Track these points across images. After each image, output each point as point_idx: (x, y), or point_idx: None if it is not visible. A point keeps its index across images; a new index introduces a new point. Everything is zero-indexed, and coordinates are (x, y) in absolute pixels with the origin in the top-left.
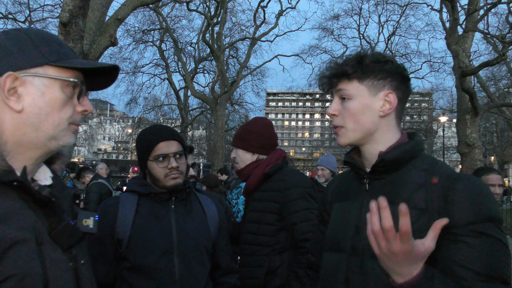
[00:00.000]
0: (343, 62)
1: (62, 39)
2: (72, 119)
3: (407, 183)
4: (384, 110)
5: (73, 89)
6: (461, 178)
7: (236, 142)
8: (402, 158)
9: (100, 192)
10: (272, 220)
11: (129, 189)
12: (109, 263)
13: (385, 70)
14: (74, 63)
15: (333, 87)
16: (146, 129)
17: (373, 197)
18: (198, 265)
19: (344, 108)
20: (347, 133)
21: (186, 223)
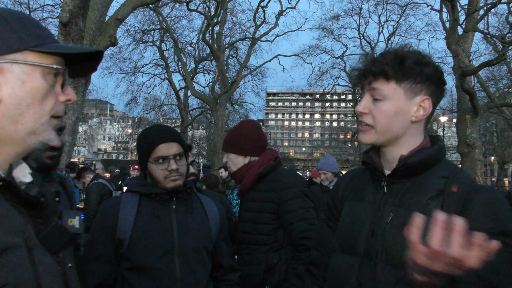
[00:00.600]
0: (382, 60)
1: (62, 39)
2: (54, 110)
3: (426, 189)
4: (418, 115)
5: (55, 76)
6: (480, 189)
7: (226, 147)
8: (424, 163)
9: (100, 192)
10: (268, 219)
11: (130, 189)
12: (110, 263)
13: (425, 74)
14: (57, 48)
15: (366, 84)
16: (146, 130)
17: (391, 201)
18: (199, 266)
19: (376, 108)
20: (375, 134)
21: (187, 223)
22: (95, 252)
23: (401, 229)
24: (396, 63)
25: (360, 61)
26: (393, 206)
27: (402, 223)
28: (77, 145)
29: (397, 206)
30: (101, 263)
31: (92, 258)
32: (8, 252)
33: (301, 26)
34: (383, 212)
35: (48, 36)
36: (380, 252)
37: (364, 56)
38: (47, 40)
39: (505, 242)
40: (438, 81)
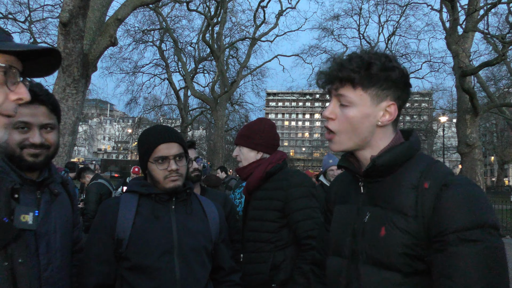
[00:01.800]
0: (349, 66)
1: (62, 39)
2: (2, 108)
3: (400, 186)
4: (383, 120)
5: (4, 74)
6: (452, 184)
7: (240, 140)
8: (394, 161)
9: (99, 192)
10: (274, 217)
11: (130, 189)
12: (109, 263)
13: (391, 79)
14: (4, 45)
15: (332, 89)
16: (147, 130)
17: (367, 200)
18: (198, 266)
19: (342, 114)
20: (341, 140)
21: (187, 224)
22: (95, 251)
23: (378, 228)
24: (363, 70)
25: (328, 64)
26: (369, 206)
27: (379, 222)
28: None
29: (373, 205)
30: (100, 263)
31: (91, 258)
32: None
33: (301, 26)
34: (361, 213)
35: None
36: (361, 252)
37: (331, 59)
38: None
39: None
40: (404, 85)
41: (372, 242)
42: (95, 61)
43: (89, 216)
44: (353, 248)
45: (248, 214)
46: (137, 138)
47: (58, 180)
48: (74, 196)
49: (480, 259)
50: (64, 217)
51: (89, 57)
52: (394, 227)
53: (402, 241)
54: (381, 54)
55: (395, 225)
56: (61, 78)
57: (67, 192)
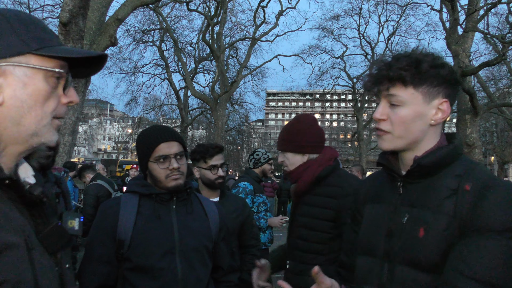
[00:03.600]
0: (398, 65)
1: (62, 39)
2: (56, 112)
3: (440, 188)
4: (436, 119)
5: (57, 79)
6: (496, 186)
7: (282, 145)
8: (438, 163)
9: (97, 194)
10: (326, 227)
11: (130, 189)
12: (111, 264)
13: (441, 76)
14: (60, 51)
15: (382, 90)
16: (146, 130)
17: (406, 201)
18: (200, 265)
19: (394, 114)
20: (394, 139)
21: (188, 223)
22: (96, 253)
23: (417, 229)
24: (413, 68)
25: (374, 66)
26: (408, 207)
27: (417, 224)
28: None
29: (412, 206)
30: (101, 264)
31: (92, 259)
32: (9, 250)
33: (301, 26)
34: (399, 213)
35: (51, 39)
36: (397, 253)
37: (377, 61)
38: (50, 42)
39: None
40: (454, 82)
41: (410, 243)
42: None
43: (86, 220)
44: (387, 248)
45: (297, 220)
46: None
47: (52, 180)
48: (67, 195)
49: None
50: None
51: None
52: (433, 228)
53: (440, 241)
54: (429, 53)
55: (433, 226)
56: None
57: (61, 191)
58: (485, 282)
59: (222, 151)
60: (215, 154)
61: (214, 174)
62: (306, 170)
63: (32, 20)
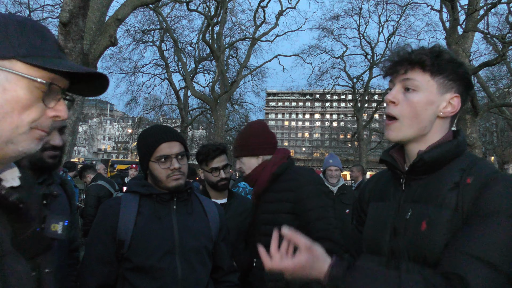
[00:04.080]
0: (420, 51)
1: (62, 39)
2: (36, 123)
3: (443, 183)
4: (446, 112)
5: (47, 90)
6: (498, 178)
7: (237, 152)
8: (442, 158)
9: (98, 195)
10: (286, 220)
11: (130, 189)
12: (111, 264)
13: (458, 72)
14: (48, 62)
15: (398, 74)
16: (147, 130)
17: (409, 197)
18: (199, 265)
19: (406, 99)
20: (402, 127)
21: (188, 224)
22: (96, 253)
23: (419, 223)
24: (434, 56)
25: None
26: (411, 203)
27: (420, 218)
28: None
29: (415, 202)
30: (101, 264)
31: (92, 259)
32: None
33: (301, 26)
34: (402, 210)
35: (48, 49)
36: (402, 249)
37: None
38: (44, 52)
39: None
40: (468, 82)
41: (414, 238)
42: (95, 61)
43: (87, 221)
44: (392, 246)
45: (259, 218)
46: (137, 138)
47: (57, 181)
48: (72, 196)
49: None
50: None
51: (89, 57)
52: (435, 221)
53: (443, 234)
54: (449, 50)
55: (435, 218)
56: None
57: (65, 192)
58: (489, 262)
59: (225, 152)
60: (216, 157)
61: (215, 176)
62: (263, 171)
63: (33, 26)
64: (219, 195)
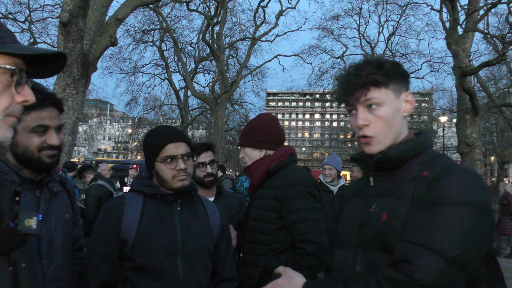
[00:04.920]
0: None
1: (62, 39)
2: (9, 110)
3: (403, 176)
4: (408, 109)
5: (10, 77)
6: (453, 169)
7: (242, 141)
8: (403, 154)
9: (98, 195)
10: (272, 218)
11: (134, 189)
12: (113, 263)
13: (399, 72)
14: (11, 48)
15: (359, 97)
16: (154, 130)
17: (375, 192)
18: (201, 267)
19: (374, 116)
20: (380, 140)
21: (190, 225)
22: (99, 251)
23: (380, 214)
24: (379, 70)
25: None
26: (376, 196)
27: (382, 210)
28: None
29: (380, 196)
30: (104, 263)
31: (95, 258)
32: None
33: (301, 26)
34: (369, 204)
35: (5, 36)
36: (369, 241)
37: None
38: (3, 40)
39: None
40: (407, 75)
41: (377, 229)
42: (95, 61)
43: (88, 221)
44: (360, 238)
45: (250, 213)
46: (138, 138)
47: (56, 179)
48: (73, 194)
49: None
50: (64, 216)
51: (89, 57)
52: (394, 211)
53: (401, 224)
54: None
55: (394, 209)
56: (61, 78)
57: (66, 191)
58: (438, 251)
59: (211, 149)
60: (202, 152)
61: (202, 171)
62: (260, 165)
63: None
64: (206, 193)
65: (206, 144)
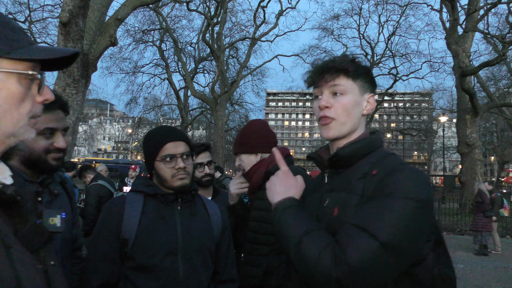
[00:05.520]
0: (341, 59)
1: (62, 39)
2: (32, 112)
3: (354, 174)
4: (367, 109)
5: (31, 80)
6: (401, 169)
7: (236, 148)
8: (355, 153)
9: (99, 195)
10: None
11: (135, 189)
12: (114, 262)
13: (369, 74)
14: (32, 53)
15: (328, 80)
16: (153, 130)
17: (328, 188)
18: (201, 267)
19: (337, 102)
20: (338, 126)
21: (191, 225)
22: (100, 251)
23: (332, 209)
24: (352, 63)
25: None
26: (329, 192)
27: (334, 205)
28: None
29: (332, 191)
30: (105, 262)
31: (96, 257)
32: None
33: (301, 26)
34: (323, 199)
35: (22, 39)
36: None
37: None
38: (20, 44)
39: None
40: (374, 81)
41: (329, 223)
42: (95, 61)
43: (88, 221)
44: None
45: (251, 215)
46: (138, 138)
47: (57, 180)
48: (73, 195)
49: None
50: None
51: (89, 57)
52: (345, 206)
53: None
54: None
55: (345, 204)
56: (61, 78)
57: (66, 191)
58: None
59: (208, 150)
60: (200, 152)
61: (200, 172)
62: (259, 169)
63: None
64: (204, 192)
65: (204, 145)
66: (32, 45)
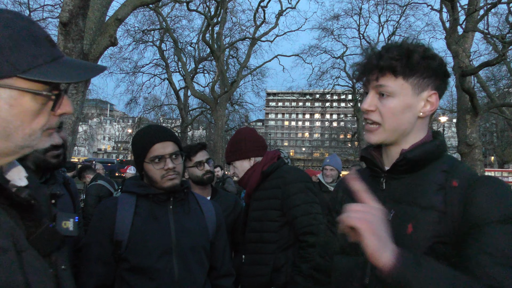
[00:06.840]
0: (389, 55)
1: (62, 39)
2: (47, 125)
3: (427, 184)
4: (425, 111)
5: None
6: (482, 180)
7: (229, 157)
8: (424, 157)
9: (98, 195)
10: (274, 216)
11: (127, 190)
12: (108, 264)
13: (432, 68)
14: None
15: (371, 80)
16: (141, 130)
17: (390, 198)
18: (197, 265)
19: (382, 105)
20: (384, 132)
21: (185, 223)
22: (93, 253)
23: (405, 226)
24: (404, 58)
25: (364, 56)
26: (393, 203)
27: (405, 220)
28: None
29: (397, 202)
30: (99, 265)
31: (90, 260)
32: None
33: (301, 26)
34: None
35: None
36: None
37: (367, 50)
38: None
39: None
40: (444, 74)
41: (397, 240)
42: (95, 61)
43: (88, 221)
44: None
45: (249, 216)
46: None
47: (60, 181)
48: (75, 196)
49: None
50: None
51: (89, 57)
52: (421, 223)
53: (428, 238)
54: (420, 44)
55: (422, 221)
56: None
57: (68, 192)
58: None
59: (205, 148)
60: (198, 151)
61: (201, 170)
62: (254, 172)
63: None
64: (202, 192)
65: (200, 144)
66: (55, 60)
